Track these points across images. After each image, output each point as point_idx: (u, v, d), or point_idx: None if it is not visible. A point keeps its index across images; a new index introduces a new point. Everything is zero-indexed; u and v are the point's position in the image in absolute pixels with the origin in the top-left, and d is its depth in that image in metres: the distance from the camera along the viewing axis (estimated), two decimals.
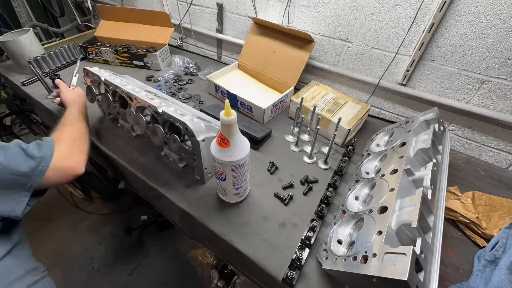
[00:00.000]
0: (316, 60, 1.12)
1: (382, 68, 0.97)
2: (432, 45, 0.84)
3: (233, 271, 1.17)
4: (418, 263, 0.43)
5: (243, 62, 1.21)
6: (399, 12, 0.85)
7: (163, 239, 1.58)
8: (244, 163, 0.59)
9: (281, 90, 1.08)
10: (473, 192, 0.69)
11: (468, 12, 0.75)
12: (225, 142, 0.54)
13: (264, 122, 0.97)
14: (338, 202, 0.71)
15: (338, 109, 0.92)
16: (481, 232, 0.63)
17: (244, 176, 0.63)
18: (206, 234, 0.68)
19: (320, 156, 0.85)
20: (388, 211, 0.51)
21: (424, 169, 0.61)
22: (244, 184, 0.66)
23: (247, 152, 0.58)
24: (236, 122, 0.53)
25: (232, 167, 0.58)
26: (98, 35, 1.36)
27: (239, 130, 0.56)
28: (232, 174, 0.59)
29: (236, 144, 0.55)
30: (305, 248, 0.60)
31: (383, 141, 0.82)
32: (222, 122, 0.52)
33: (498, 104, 0.83)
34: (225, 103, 0.50)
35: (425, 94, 0.92)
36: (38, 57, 1.13)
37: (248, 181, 0.68)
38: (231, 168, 0.58)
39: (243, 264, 0.66)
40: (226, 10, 1.27)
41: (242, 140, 0.57)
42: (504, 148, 0.89)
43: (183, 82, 1.19)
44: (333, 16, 0.98)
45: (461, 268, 0.59)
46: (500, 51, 0.75)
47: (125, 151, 0.85)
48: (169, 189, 0.74)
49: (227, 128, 0.53)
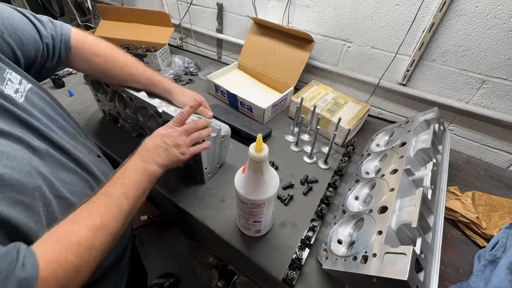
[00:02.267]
0: (316, 60, 1.12)
1: (382, 68, 0.97)
2: (432, 45, 0.84)
3: (233, 271, 1.17)
4: (418, 263, 0.42)
5: (243, 62, 1.21)
6: (399, 12, 0.85)
7: (163, 239, 1.58)
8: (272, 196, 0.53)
9: (281, 90, 1.08)
10: (473, 192, 0.69)
11: (468, 12, 0.75)
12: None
13: (264, 122, 0.97)
14: (338, 202, 0.71)
15: (338, 109, 0.92)
16: (481, 232, 0.63)
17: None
18: (206, 234, 0.68)
19: (320, 156, 0.85)
20: (388, 211, 0.51)
21: (424, 169, 0.61)
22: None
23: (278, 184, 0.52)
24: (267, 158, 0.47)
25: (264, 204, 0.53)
26: (98, 35, 1.35)
27: (240, 131, 0.55)
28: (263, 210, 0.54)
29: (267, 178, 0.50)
30: (305, 248, 0.60)
31: (383, 141, 0.82)
32: (254, 159, 0.45)
33: (498, 104, 0.83)
34: (257, 137, 0.43)
35: (425, 94, 0.92)
36: None
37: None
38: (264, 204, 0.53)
39: (243, 264, 0.66)
40: (226, 10, 1.27)
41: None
42: (504, 148, 0.89)
43: (183, 82, 1.19)
44: (333, 16, 0.98)
45: (461, 268, 0.59)
46: (500, 51, 0.75)
47: (125, 151, 0.85)
48: (169, 189, 0.74)
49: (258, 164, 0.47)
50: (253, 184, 0.50)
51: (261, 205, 0.52)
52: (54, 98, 0.54)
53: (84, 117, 0.96)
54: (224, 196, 0.72)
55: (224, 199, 0.71)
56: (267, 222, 0.60)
